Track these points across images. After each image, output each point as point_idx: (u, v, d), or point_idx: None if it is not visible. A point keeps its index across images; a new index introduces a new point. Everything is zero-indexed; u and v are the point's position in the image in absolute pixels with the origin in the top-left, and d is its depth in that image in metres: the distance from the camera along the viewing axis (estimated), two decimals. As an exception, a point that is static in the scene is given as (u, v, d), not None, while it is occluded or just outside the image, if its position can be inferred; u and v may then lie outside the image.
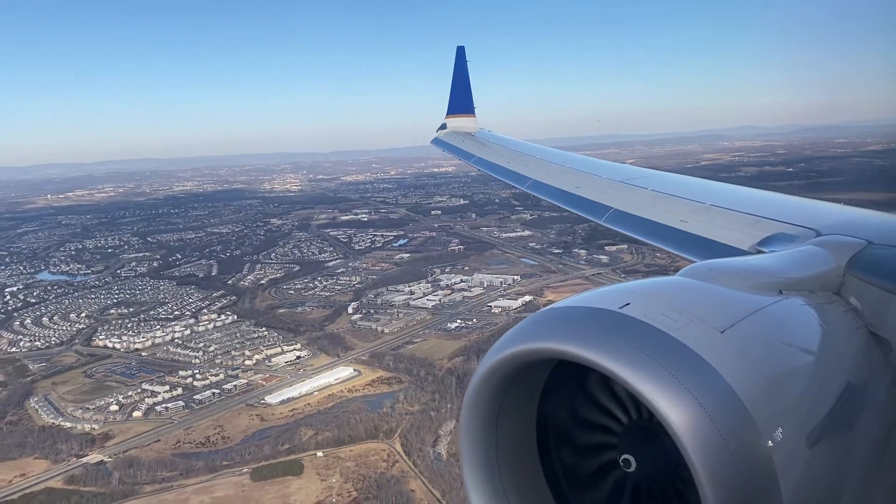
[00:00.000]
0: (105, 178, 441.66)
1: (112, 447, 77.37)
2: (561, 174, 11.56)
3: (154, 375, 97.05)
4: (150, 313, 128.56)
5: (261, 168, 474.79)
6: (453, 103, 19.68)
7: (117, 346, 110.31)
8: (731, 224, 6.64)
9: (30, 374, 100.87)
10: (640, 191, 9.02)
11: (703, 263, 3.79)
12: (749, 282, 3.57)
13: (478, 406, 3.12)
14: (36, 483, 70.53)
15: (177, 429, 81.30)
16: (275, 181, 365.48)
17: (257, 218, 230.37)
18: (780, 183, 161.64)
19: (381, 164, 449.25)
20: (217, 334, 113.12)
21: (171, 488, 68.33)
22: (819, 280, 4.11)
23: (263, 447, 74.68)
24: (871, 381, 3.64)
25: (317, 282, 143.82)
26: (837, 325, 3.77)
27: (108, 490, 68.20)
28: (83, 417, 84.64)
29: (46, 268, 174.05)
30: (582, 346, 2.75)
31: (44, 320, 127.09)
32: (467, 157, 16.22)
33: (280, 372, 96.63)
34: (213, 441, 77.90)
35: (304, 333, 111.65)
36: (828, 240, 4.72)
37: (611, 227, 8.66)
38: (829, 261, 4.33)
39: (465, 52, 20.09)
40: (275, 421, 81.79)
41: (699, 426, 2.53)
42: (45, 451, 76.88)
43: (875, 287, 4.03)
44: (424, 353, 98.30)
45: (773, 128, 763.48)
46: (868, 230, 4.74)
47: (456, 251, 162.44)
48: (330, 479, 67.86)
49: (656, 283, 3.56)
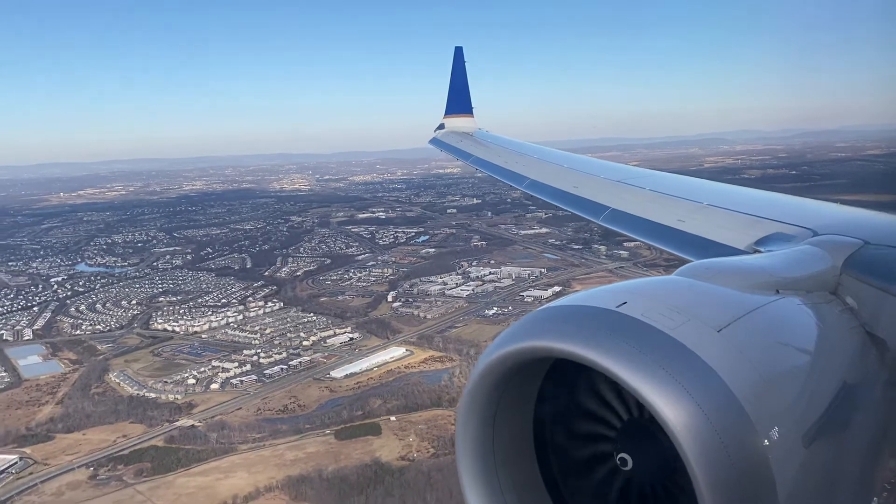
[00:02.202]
0: (112, 178, 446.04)
1: (199, 414, 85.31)
2: (559, 174, 11.59)
3: (219, 354, 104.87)
4: (199, 301, 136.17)
5: (266, 168, 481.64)
6: (451, 103, 19.88)
7: (176, 329, 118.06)
8: (729, 224, 6.65)
9: (100, 354, 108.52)
10: (638, 190, 9.03)
11: (701, 263, 3.85)
12: (746, 281, 3.62)
13: (474, 405, 3.13)
14: (139, 442, 78.41)
15: (253, 399, 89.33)
16: (283, 181, 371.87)
17: (276, 215, 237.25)
18: (785, 185, 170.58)
19: (385, 165, 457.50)
20: (269, 319, 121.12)
21: (265, 446, 76.37)
22: (816, 279, 4.15)
23: (341, 413, 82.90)
24: (866, 381, 3.69)
25: (351, 273, 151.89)
26: (834, 324, 3.80)
27: (208, 448, 76.20)
28: (164, 389, 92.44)
29: (82, 260, 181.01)
30: (579, 344, 2.78)
31: (97, 307, 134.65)
32: (465, 157, 16.26)
33: (337, 351, 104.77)
34: (291, 409, 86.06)
35: (350, 319, 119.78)
36: (824, 239, 4.75)
37: (608, 226, 8.69)
38: (826, 260, 4.36)
39: (463, 52, 20.28)
40: (343, 392, 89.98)
41: (696, 425, 2.55)
42: (138, 416, 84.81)
43: (871, 287, 4.08)
44: (469, 336, 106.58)
45: (772, 132, 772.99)
46: (864, 230, 4.79)
47: (479, 246, 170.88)
48: (406, 438, 76.09)
49: (653, 282, 3.60)
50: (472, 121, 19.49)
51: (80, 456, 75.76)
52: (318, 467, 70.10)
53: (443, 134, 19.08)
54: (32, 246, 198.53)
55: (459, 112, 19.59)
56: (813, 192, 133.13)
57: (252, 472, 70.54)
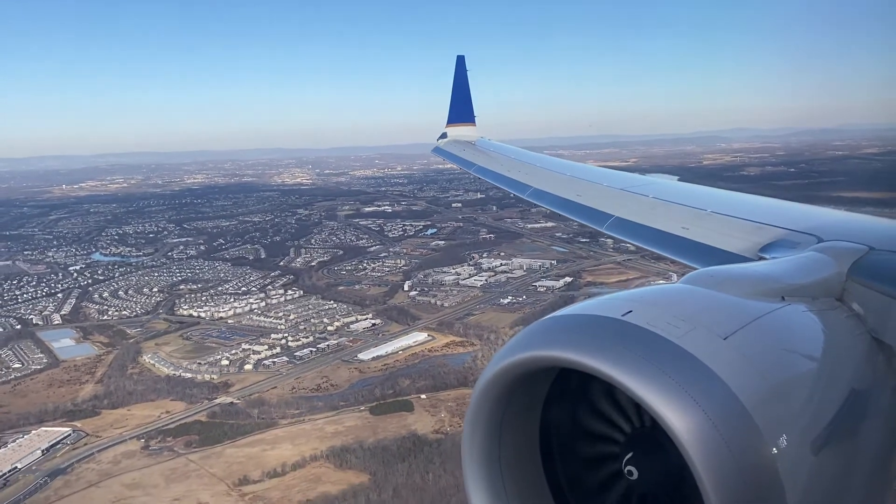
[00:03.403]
0: (110, 171, 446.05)
1: (236, 392, 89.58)
2: (562, 182, 11.64)
3: (248, 338, 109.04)
4: (218, 289, 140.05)
5: (264, 163, 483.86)
6: (454, 112, 19.84)
7: (202, 314, 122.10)
8: (733, 231, 6.64)
9: (131, 337, 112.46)
10: (641, 198, 9.05)
11: (706, 270, 3.83)
12: (751, 288, 3.60)
13: (481, 414, 3.13)
14: (183, 418, 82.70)
15: (286, 379, 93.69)
16: (283, 175, 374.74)
17: (283, 208, 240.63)
18: (785, 182, 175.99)
19: (383, 161, 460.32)
20: (291, 306, 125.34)
21: (304, 421, 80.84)
22: (821, 286, 4.13)
23: (373, 391, 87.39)
24: (874, 387, 3.66)
25: (364, 264, 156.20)
26: (840, 331, 3.78)
27: (251, 422, 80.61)
28: (199, 370, 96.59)
29: (97, 250, 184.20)
30: (585, 353, 2.77)
31: (120, 293, 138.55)
32: (468, 166, 16.35)
33: (361, 336, 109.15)
34: (324, 388, 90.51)
35: (369, 306, 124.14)
36: (829, 246, 4.75)
37: (613, 234, 8.74)
38: (831, 267, 4.34)
39: (465, 61, 20.31)
40: (372, 373, 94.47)
41: (703, 433, 2.53)
42: (178, 394, 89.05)
43: (877, 293, 4.05)
44: (487, 322, 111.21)
45: (768, 130, 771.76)
46: (869, 236, 4.79)
47: (487, 239, 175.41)
48: (438, 414, 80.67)
49: (659, 290, 3.58)
50: (474, 129, 19.71)
51: (128, 429, 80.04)
52: (358, 439, 74.69)
53: (445, 143, 19.26)
54: (45, 236, 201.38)
55: (461, 121, 19.76)
56: (814, 189, 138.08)
57: (296, 443, 75.00)
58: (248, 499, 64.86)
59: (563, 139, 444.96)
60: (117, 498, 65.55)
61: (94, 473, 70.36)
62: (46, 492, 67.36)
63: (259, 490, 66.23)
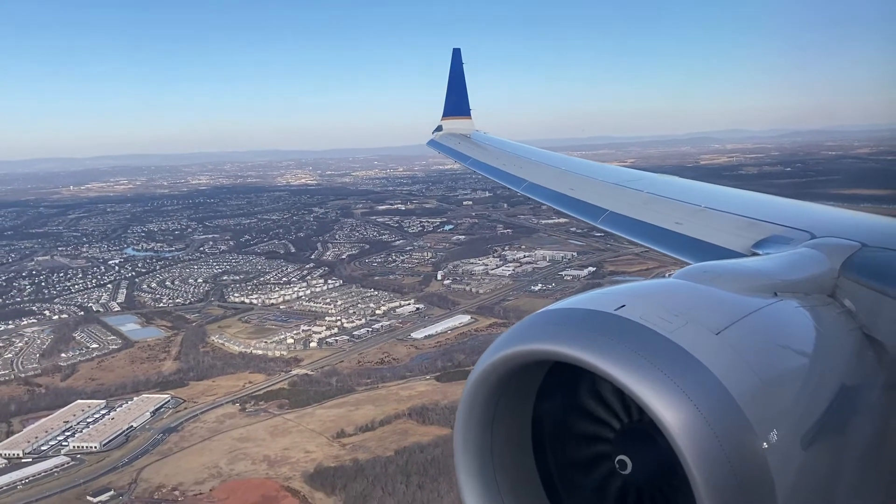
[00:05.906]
0: (112, 173, 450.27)
1: (308, 365, 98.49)
2: (556, 176, 11.62)
3: (304, 320, 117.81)
4: (261, 279, 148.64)
5: (264, 164, 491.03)
6: (449, 105, 19.80)
7: (253, 301, 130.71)
8: (727, 226, 6.66)
9: (192, 322, 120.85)
10: (635, 193, 9.04)
11: (699, 265, 3.85)
12: (744, 284, 3.62)
13: (473, 407, 3.15)
14: (266, 386, 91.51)
15: (350, 354, 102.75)
16: (286, 176, 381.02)
17: (297, 207, 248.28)
18: (782, 181, 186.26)
19: (383, 162, 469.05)
20: (335, 294, 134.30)
21: (378, 388, 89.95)
22: (814, 282, 4.16)
23: (434, 363, 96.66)
24: (865, 383, 3.70)
25: (393, 256, 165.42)
26: (832, 326, 3.82)
27: (331, 388, 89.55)
28: (268, 347, 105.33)
29: (128, 246, 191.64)
30: (577, 347, 2.78)
31: (167, 283, 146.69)
32: (463, 159, 16.33)
33: (408, 319, 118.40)
34: (388, 361, 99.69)
35: (408, 293, 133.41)
36: (822, 242, 4.78)
37: (606, 229, 8.73)
38: (824, 263, 4.38)
39: (461, 54, 20.25)
40: (427, 349, 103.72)
41: (694, 428, 2.55)
42: (256, 368, 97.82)
43: (869, 289, 4.09)
44: (524, 306, 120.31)
45: (761, 131, 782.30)
46: (862, 232, 4.82)
47: (505, 234, 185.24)
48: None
49: (652, 284, 3.63)
50: (469, 122, 19.61)
51: (219, 396, 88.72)
52: (432, 401, 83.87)
53: (440, 136, 19.14)
54: (72, 234, 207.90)
55: (457, 114, 19.65)
56: (811, 187, 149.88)
57: (377, 405, 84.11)
58: (349, 447, 73.88)
59: (557, 140, 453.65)
60: (231, 449, 74.27)
61: (204, 430, 79.11)
62: (167, 444, 76.03)
63: (356, 441, 75.31)
